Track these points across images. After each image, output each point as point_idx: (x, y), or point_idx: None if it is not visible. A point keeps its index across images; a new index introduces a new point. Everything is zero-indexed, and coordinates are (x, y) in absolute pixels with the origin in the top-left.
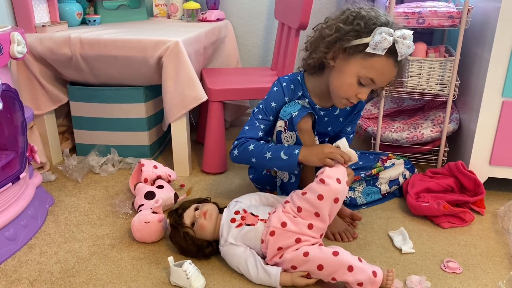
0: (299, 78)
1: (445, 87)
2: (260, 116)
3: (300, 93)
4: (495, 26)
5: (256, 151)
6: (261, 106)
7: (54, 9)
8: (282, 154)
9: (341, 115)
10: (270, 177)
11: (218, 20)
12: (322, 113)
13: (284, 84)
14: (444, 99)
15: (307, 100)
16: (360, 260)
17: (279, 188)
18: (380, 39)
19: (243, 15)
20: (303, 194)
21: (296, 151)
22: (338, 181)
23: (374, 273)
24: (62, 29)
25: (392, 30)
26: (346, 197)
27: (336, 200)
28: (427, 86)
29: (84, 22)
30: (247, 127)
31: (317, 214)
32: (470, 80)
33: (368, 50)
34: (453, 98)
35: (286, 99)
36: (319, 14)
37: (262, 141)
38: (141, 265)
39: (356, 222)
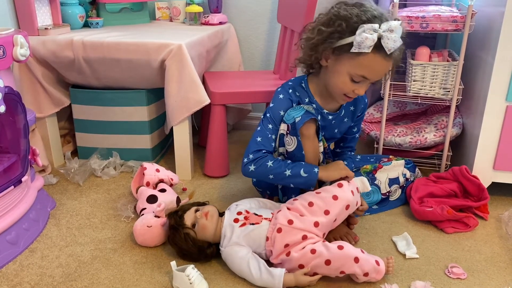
0: (303, 84)
1: (449, 91)
2: (270, 126)
3: (306, 100)
4: (499, 30)
5: (275, 168)
6: (268, 115)
7: (56, 12)
8: (302, 171)
9: (346, 115)
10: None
11: (220, 23)
12: (330, 117)
13: (290, 91)
14: (448, 104)
15: (314, 105)
16: (362, 251)
17: (280, 190)
18: (362, 38)
19: (246, 18)
20: (317, 193)
21: (316, 170)
22: (353, 192)
23: (377, 262)
24: (65, 32)
25: (377, 25)
26: None
27: (347, 207)
28: (430, 90)
29: (86, 25)
30: (259, 139)
31: (326, 212)
32: (474, 84)
33: (353, 50)
34: (456, 103)
35: (294, 106)
36: None
37: (279, 157)
38: (143, 269)
39: (353, 225)
